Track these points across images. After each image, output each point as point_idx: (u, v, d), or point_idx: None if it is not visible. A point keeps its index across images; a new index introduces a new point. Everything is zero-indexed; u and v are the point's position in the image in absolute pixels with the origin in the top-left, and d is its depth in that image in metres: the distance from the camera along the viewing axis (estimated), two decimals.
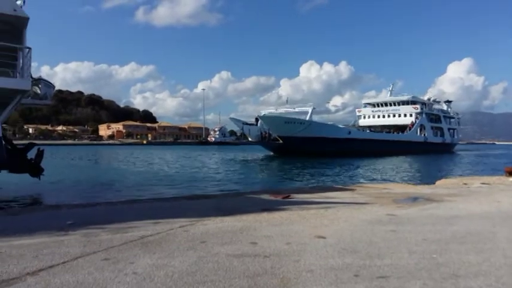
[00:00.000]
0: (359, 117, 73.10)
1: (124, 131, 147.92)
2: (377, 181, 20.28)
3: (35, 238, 5.05)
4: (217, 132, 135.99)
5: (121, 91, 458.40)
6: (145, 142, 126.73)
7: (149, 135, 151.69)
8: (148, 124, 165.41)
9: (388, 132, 65.70)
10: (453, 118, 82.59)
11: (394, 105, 68.64)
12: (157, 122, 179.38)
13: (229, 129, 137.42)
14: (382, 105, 70.35)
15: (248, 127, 54.32)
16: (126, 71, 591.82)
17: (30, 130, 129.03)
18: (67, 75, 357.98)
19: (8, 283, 3.37)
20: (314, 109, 54.47)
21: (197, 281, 3.45)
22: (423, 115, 67.89)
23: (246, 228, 5.82)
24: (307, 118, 52.23)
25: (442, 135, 74.86)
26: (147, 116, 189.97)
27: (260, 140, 54.17)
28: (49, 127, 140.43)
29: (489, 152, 77.71)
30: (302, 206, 8.15)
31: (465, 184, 13.90)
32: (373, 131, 64.55)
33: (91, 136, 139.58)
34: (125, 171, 27.53)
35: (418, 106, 67.17)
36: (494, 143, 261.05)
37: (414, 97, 68.86)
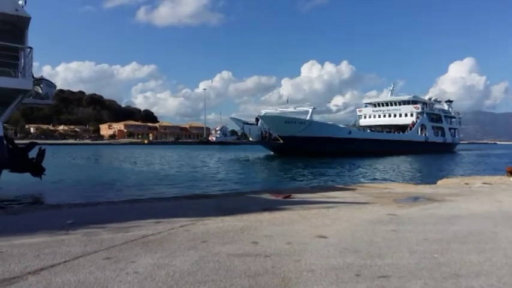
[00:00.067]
0: (360, 117, 73.07)
1: (125, 131, 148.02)
2: (378, 181, 20.26)
3: (36, 237, 5.06)
4: (218, 132, 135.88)
5: (122, 91, 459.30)
6: (146, 142, 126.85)
7: (150, 135, 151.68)
8: (149, 124, 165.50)
9: (389, 132, 65.65)
10: (454, 118, 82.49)
11: (395, 104, 68.56)
12: (158, 122, 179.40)
13: (230, 129, 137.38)
14: (383, 104, 70.26)
15: (248, 127, 54.32)
16: (127, 71, 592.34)
17: (31, 130, 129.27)
18: (68, 75, 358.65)
19: (10, 282, 3.37)
20: (314, 109, 54.41)
21: (198, 281, 3.45)
22: (424, 115, 67.81)
23: (247, 227, 5.82)
24: (307, 118, 52.21)
25: (443, 135, 74.76)
26: (149, 116, 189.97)
27: (260, 140, 54.18)
28: (50, 127, 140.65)
29: (490, 152, 77.55)
30: (303, 206, 8.15)
31: (466, 184, 13.88)
32: (373, 131, 64.53)
33: (92, 136, 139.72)
34: (126, 170, 27.56)
35: (419, 106, 67.11)
36: (495, 143, 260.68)
37: (415, 97, 68.78)
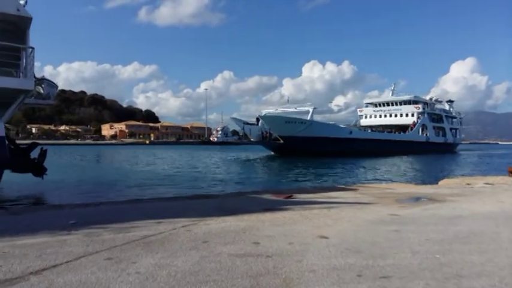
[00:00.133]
0: (361, 117, 73.05)
1: (127, 131, 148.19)
2: (379, 181, 20.22)
3: (38, 238, 5.06)
4: (219, 132, 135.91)
5: (124, 91, 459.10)
6: (147, 142, 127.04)
7: (152, 135, 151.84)
8: (150, 124, 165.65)
9: (390, 132, 65.60)
10: (455, 118, 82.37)
11: (396, 104, 68.51)
12: (159, 122, 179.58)
13: (231, 129, 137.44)
14: (383, 104, 70.22)
15: (249, 127, 54.28)
16: (128, 71, 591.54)
17: (33, 130, 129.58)
18: (70, 75, 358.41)
19: (12, 282, 3.38)
20: (315, 109, 54.39)
21: (200, 281, 3.45)
22: (425, 115, 67.73)
23: (249, 228, 5.81)
24: (308, 118, 52.19)
25: (444, 135, 74.63)
26: (150, 116, 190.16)
27: (261, 140, 54.17)
28: (52, 127, 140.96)
29: (492, 152, 77.37)
30: (304, 206, 8.14)
31: (468, 184, 13.86)
32: (374, 131, 64.49)
33: (94, 136, 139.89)
34: (127, 171, 27.59)
35: (420, 106, 67.04)
36: (497, 143, 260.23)
37: (416, 97, 68.71)
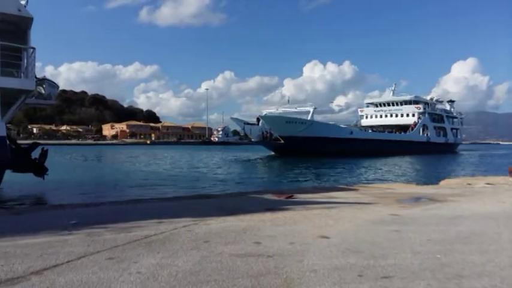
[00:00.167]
0: (361, 117, 72.99)
1: (127, 131, 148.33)
2: (380, 181, 20.21)
3: (39, 237, 5.07)
4: (220, 132, 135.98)
5: (125, 91, 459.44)
6: (148, 142, 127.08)
7: (153, 135, 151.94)
8: (151, 124, 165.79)
9: (391, 132, 65.53)
10: (456, 118, 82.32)
11: (397, 105, 68.46)
12: (160, 122, 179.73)
13: (232, 129, 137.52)
14: (384, 105, 70.17)
15: (249, 127, 54.22)
16: (129, 71, 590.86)
17: (34, 130, 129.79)
18: (71, 75, 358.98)
19: (13, 282, 3.38)
20: (316, 109, 54.34)
21: (201, 281, 3.46)
22: (426, 115, 67.68)
23: (250, 228, 5.82)
24: (308, 118, 52.17)
25: (445, 135, 74.56)
26: (151, 116, 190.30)
27: (261, 140, 54.16)
28: (53, 127, 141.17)
29: (493, 152, 77.28)
30: (305, 206, 8.15)
31: (469, 184, 13.85)
32: (375, 131, 64.44)
33: (95, 136, 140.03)
34: (128, 170, 27.62)
35: (421, 106, 66.99)
36: (498, 143, 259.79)
37: (417, 97, 68.67)
